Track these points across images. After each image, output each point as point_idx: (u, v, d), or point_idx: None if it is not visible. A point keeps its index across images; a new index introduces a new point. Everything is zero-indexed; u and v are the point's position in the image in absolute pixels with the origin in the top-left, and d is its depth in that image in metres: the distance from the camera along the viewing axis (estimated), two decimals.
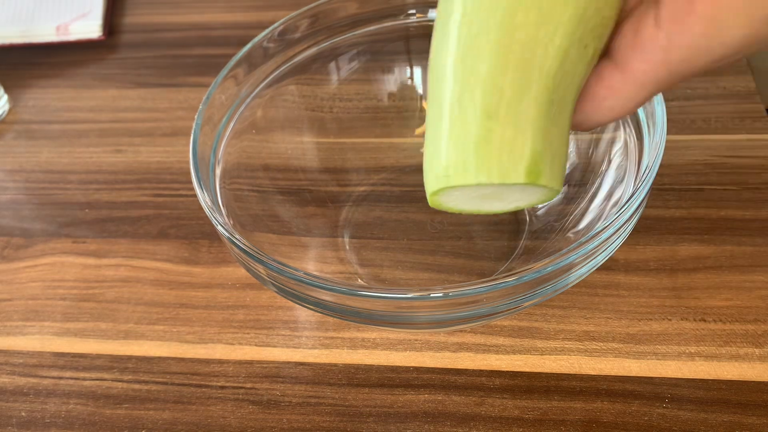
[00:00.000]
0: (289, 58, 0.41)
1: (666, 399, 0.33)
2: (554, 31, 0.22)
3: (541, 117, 0.22)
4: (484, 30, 0.22)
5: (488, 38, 0.22)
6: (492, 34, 0.22)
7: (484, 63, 0.22)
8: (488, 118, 0.22)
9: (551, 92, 0.22)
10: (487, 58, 0.22)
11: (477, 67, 0.22)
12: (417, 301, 0.30)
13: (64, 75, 0.56)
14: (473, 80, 0.22)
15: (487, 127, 0.22)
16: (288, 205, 0.40)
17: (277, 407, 0.35)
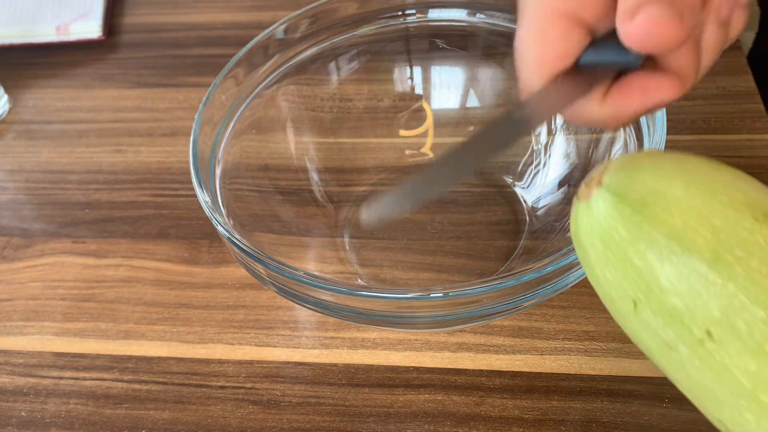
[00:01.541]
0: (289, 58, 0.41)
1: (666, 399, 0.33)
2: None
3: None
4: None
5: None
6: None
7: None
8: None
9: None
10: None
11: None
12: (417, 301, 0.30)
13: (64, 75, 0.56)
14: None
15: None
16: (288, 205, 0.40)
17: (277, 407, 0.35)
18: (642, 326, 0.24)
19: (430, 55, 0.43)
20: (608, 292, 0.24)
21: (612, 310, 0.25)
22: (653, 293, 0.23)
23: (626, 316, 0.24)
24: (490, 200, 0.41)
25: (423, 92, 0.44)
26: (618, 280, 0.24)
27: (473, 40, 0.42)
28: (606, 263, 0.24)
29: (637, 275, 0.23)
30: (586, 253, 0.25)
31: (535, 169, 0.41)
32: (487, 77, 0.43)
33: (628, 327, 0.25)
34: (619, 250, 0.23)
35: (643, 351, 0.25)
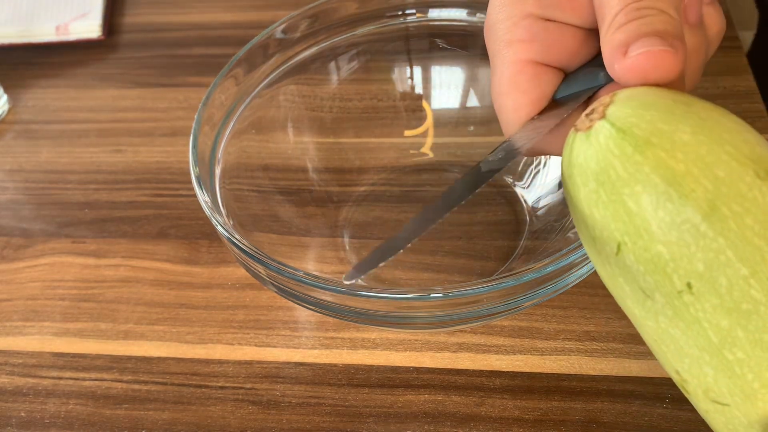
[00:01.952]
0: (289, 58, 0.41)
1: (666, 399, 0.33)
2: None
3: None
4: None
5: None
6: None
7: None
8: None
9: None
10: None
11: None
12: (417, 301, 0.30)
13: (64, 75, 0.56)
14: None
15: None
16: (288, 205, 0.40)
17: (277, 407, 0.35)
18: (620, 270, 0.23)
19: (430, 55, 0.43)
20: (591, 232, 0.24)
21: (590, 249, 0.24)
22: (641, 238, 0.22)
23: (605, 257, 0.23)
24: (490, 200, 0.41)
25: (423, 92, 0.44)
26: (606, 220, 0.23)
27: (473, 40, 0.42)
28: (596, 201, 0.23)
29: (627, 218, 0.22)
30: (575, 188, 0.24)
31: (535, 169, 0.41)
32: (487, 77, 0.43)
33: (605, 269, 0.24)
34: (613, 190, 0.22)
35: (613, 293, 0.25)
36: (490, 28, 0.27)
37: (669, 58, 0.22)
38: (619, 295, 0.24)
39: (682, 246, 0.21)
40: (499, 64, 0.26)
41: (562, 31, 0.26)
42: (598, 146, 0.23)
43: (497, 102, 0.27)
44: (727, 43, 0.50)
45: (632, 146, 0.22)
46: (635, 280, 0.23)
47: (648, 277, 0.22)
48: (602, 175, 0.22)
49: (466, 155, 0.43)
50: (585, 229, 0.24)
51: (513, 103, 0.26)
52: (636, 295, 0.23)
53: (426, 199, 0.42)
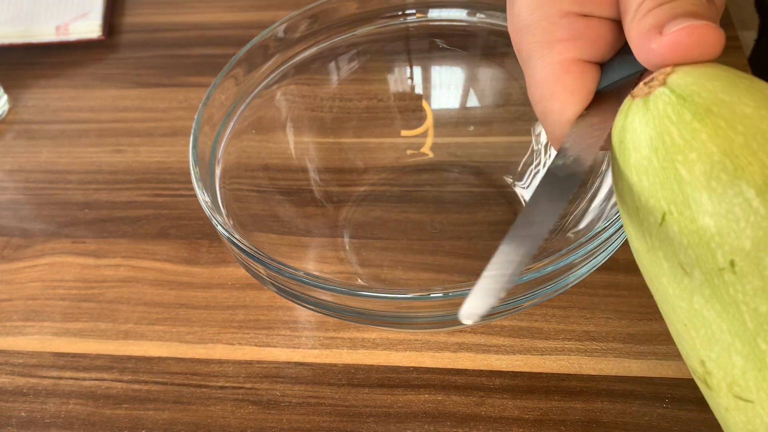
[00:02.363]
0: (289, 58, 0.41)
1: (666, 399, 0.33)
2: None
3: None
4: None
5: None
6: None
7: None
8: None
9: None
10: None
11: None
12: (417, 301, 0.30)
13: (64, 75, 0.56)
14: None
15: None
16: (288, 205, 0.40)
17: (277, 407, 0.35)
18: (661, 242, 0.22)
19: (430, 55, 0.43)
20: (636, 201, 0.23)
21: (632, 220, 0.24)
22: (688, 208, 0.21)
23: (647, 228, 0.23)
24: (490, 200, 0.41)
25: (423, 92, 0.44)
26: (653, 188, 0.22)
27: (473, 40, 0.42)
28: (646, 168, 0.22)
29: (677, 185, 0.21)
30: (626, 154, 0.23)
31: (535, 169, 0.41)
32: (487, 77, 0.43)
33: (644, 242, 0.23)
34: (666, 156, 0.21)
35: (647, 270, 0.24)
36: (523, 30, 0.26)
37: (712, 34, 0.21)
38: (654, 272, 0.23)
39: (730, 220, 0.20)
40: (540, 66, 0.25)
41: (602, 25, 0.25)
42: (656, 112, 0.22)
43: (540, 105, 0.26)
44: (727, 43, 0.50)
45: (691, 113, 0.21)
46: (675, 254, 0.22)
47: (690, 251, 0.21)
48: (657, 141, 0.22)
49: (466, 155, 0.43)
50: (630, 198, 0.23)
51: (560, 104, 0.25)
52: (674, 271, 0.22)
53: (426, 199, 0.42)
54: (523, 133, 0.42)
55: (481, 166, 0.43)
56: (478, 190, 0.42)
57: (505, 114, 0.43)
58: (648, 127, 0.22)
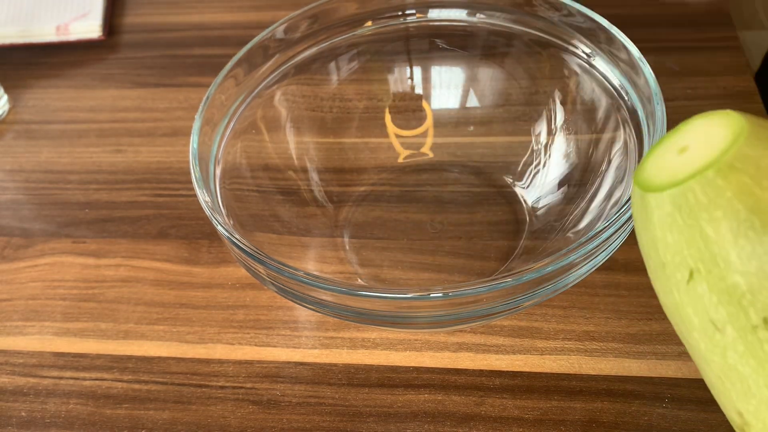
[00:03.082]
0: (289, 58, 0.41)
1: (666, 399, 0.33)
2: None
3: None
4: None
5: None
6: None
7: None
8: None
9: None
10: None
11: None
12: (417, 301, 0.30)
13: (64, 75, 0.56)
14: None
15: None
16: (288, 205, 0.40)
17: (277, 407, 0.35)
18: (690, 299, 0.22)
19: (430, 55, 0.44)
20: (662, 257, 0.22)
21: (657, 275, 0.23)
22: (716, 267, 0.21)
23: (674, 285, 0.22)
24: (490, 200, 0.41)
25: (423, 92, 0.44)
26: (679, 245, 0.21)
27: (473, 40, 0.42)
28: (671, 225, 0.21)
29: (704, 244, 0.21)
30: (649, 210, 0.22)
31: (535, 169, 0.41)
32: (487, 77, 0.43)
33: (672, 297, 0.23)
34: (690, 214, 0.21)
35: (677, 324, 0.23)
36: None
37: None
38: (684, 327, 0.23)
39: (762, 278, 0.20)
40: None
41: None
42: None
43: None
44: (727, 43, 0.50)
45: (715, 170, 0.20)
46: (706, 311, 0.21)
47: (721, 309, 0.21)
48: (680, 198, 0.21)
49: (466, 155, 0.43)
50: (655, 254, 0.23)
51: None
52: (705, 327, 0.22)
53: (426, 199, 0.42)
54: (523, 133, 0.42)
55: (481, 166, 0.43)
56: (478, 190, 0.42)
57: (505, 114, 0.43)
58: (671, 189, 0.21)
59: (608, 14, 0.37)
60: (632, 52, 0.35)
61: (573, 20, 0.38)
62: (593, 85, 0.38)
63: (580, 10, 0.37)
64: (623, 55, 0.35)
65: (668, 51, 0.49)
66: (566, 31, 0.39)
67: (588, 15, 0.37)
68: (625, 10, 0.52)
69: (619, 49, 0.36)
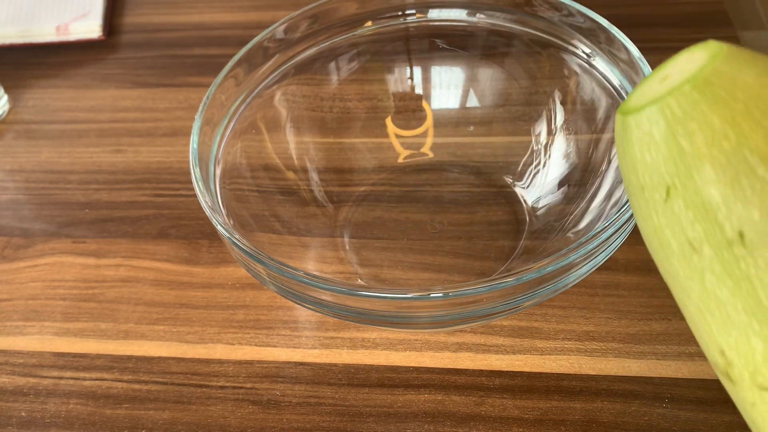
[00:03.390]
0: (289, 58, 0.41)
1: (666, 399, 0.33)
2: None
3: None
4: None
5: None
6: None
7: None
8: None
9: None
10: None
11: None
12: (417, 301, 0.30)
13: (64, 75, 0.56)
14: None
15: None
16: (288, 205, 0.40)
17: (277, 407, 0.35)
18: (668, 220, 0.22)
19: (430, 55, 0.44)
20: (641, 179, 0.22)
21: (638, 202, 0.23)
22: (691, 180, 0.20)
23: (653, 207, 0.22)
24: (490, 200, 0.41)
25: (423, 92, 0.44)
26: (656, 163, 0.21)
27: (473, 40, 0.42)
28: (648, 143, 0.21)
29: (679, 158, 0.21)
30: (628, 131, 0.22)
31: (535, 169, 0.41)
32: (487, 77, 0.43)
33: (651, 221, 0.22)
34: (667, 128, 0.21)
35: (657, 254, 0.23)
36: None
37: None
38: (664, 254, 0.23)
39: (736, 189, 0.20)
40: None
41: None
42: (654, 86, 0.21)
43: None
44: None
45: (690, 85, 0.21)
46: (683, 231, 0.21)
47: (697, 226, 0.21)
48: (657, 114, 0.21)
49: (466, 155, 0.43)
50: (635, 178, 0.23)
51: None
52: (683, 249, 0.21)
53: (426, 199, 0.42)
54: (523, 133, 0.42)
55: (481, 166, 0.43)
56: (478, 190, 0.42)
57: (505, 114, 0.43)
58: (649, 106, 0.21)
59: (608, 14, 0.37)
60: (632, 52, 0.35)
61: (573, 20, 0.38)
62: (593, 85, 0.38)
63: (580, 10, 0.37)
64: (623, 55, 0.35)
65: (668, 51, 0.49)
66: (566, 31, 0.39)
67: (588, 15, 0.37)
68: (625, 10, 0.52)
69: (619, 49, 0.36)
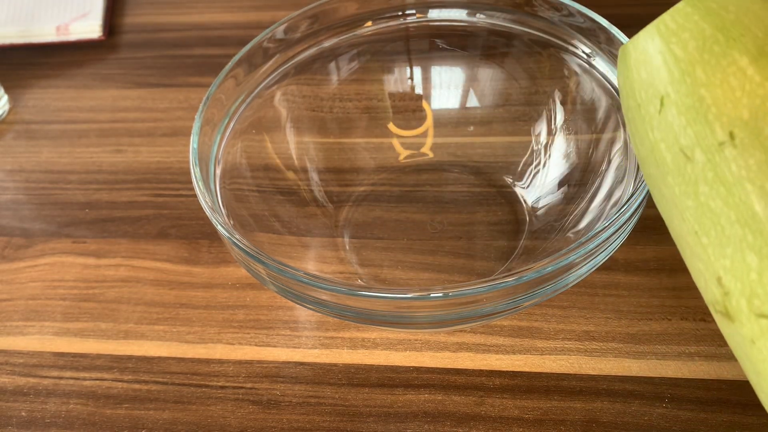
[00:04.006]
0: (289, 58, 0.41)
1: (666, 399, 0.33)
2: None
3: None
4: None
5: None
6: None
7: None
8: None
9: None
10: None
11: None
12: (417, 301, 0.30)
13: (64, 75, 0.56)
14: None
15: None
16: (288, 205, 0.40)
17: (277, 407, 0.35)
18: (662, 133, 0.22)
19: (430, 55, 0.44)
20: (638, 97, 0.23)
21: (635, 124, 0.24)
22: (684, 84, 0.21)
23: (648, 123, 0.23)
24: (490, 200, 0.41)
25: (423, 92, 0.44)
26: (651, 77, 0.22)
27: (473, 40, 0.42)
28: (644, 61, 0.23)
29: (673, 64, 0.22)
30: (627, 57, 0.23)
31: (535, 169, 0.41)
32: (487, 77, 0.43)
33: (648, 141, 0.23)
34: (662, 42, 0.22)
35: (653, 181, 0.24)
36: None
37: None
38: (660, 174, 0.23)
39: (726, 89, 0.21)
40: None
41: None
42: (657, 22, 0.23)
43: None
44: None
45: (684, 2, 0.22)
46: (676, 140, 0.22)
47: (689, 130, 0.21)
48: (652, 32, 0.22)
49: (466, 155, 0.43)
50: (633, 100, 0.24)
51: None
52: (676, 162, 0.22)
53: (426, 199, 0.42)
54: (523, 133, 0.42)
55: (481, 166, 0.43)
56: (478, 190, 0.42)
57: (505, 114, 0.43)
58: (646, 28, 0.23)
59: (608, 14, 0.37)
60: None
61: (573, 20, 0.38)
62: (593, 85, 0.38)
63: (580, 10, 0.37)
64: None
65: None
66: (566, 31, 0.39)
67: (588, 15, 0.37)
68: (625, 10, 0.52)
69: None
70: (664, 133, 0.22)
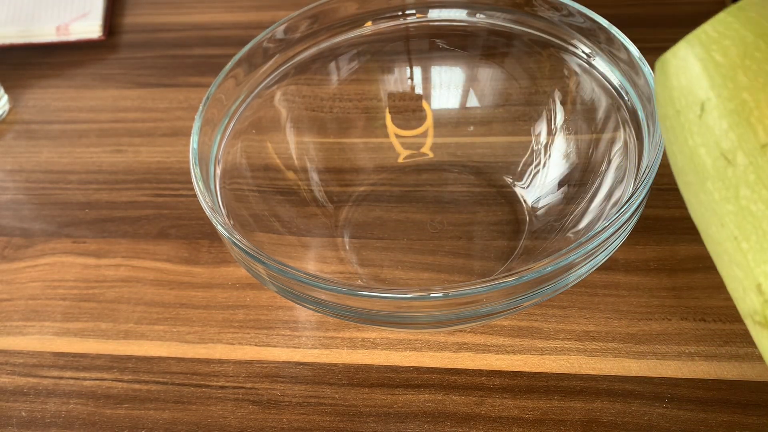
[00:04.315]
0: (289, 58, 0.41)
1: (666, 399, 0.33)
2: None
3: None
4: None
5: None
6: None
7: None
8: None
9: None
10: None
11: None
12: (417, 301, 0.30)
13: (64, 75, 0.56)
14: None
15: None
16: (288, 205, 0.40)
17: (277, 407, 0.35)
18: (702, 138, 0.22)
19: (430, 55, 0.44)
20: (677, 104, 0.23)
21: (674, 132, 0.24)
22: (726, 89, 0.22)
23: (688, 129, 0.23)
24: (490, 200, 0.41)
25: (423, 92, 0.44)
26: (691, 83, 0.23)
27: (473, 40, 0.42)
28: (684, 67, 0.23)
29: (714, 71, 0.22)
30: (666, 67, 0.24)
31: (535, 169, 0.41)
32: (487, 77, 0.43)
33: (687, 147, 0.23)
34: (702, 49, 0.22)
35: (690, 189, 0.24)
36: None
37: None
38: (699, 181, 0.23)
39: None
40: None
41: None
42: (697, 32, 0.23)
43: None
44: None
45: (725, 13, 0.22)
46: (717, 144, 0.22)
47: (731, 134, 0.22)
48: (693, 41, 0.23)
49: (466, 155, 0.43)
50: (672, 108, 0.24)
51: None
52: (717, 166, 0.22)
53: (426, 199, 0.42)
54: (523, 133, 0.42)
55: (481, 166, 0.43)
56: (478, 190, 0.42)
57: (505, 114, 0.43)
58: (685, 38, 0.23)
59: (608, 14, 0.37)
60: (632, 52, 0.35)
61: (573, 20, 0.38)
62: (593, 85, 0.38)
63: (580, 10, 0.37)
64: (623, 55, 0.35)
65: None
66: (566, 31, 0.39)
67: (588, 15, 0.37)
68: (625, 10, 0.52)
69: (619, 49, 0.36)
70: (705, 138, 0.22)
